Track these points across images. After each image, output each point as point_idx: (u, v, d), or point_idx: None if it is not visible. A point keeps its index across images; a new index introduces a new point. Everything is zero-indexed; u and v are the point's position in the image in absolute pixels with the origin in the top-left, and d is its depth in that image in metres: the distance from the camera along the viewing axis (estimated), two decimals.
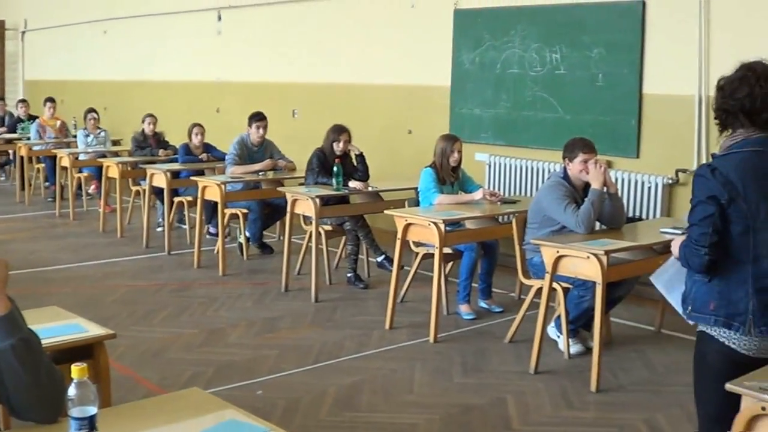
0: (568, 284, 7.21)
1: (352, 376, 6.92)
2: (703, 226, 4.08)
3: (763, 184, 4.07)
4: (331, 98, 13.09)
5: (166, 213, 11.52)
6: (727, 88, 4.20)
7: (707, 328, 4.21)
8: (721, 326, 4.11)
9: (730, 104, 4.17)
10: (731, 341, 4.12)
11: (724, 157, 4.15)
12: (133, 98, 17.03)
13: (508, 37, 10.60)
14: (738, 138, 4.17)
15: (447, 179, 8.73)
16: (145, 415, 3.35)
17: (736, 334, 4.09)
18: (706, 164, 4.19)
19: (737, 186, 4.02)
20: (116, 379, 6.54)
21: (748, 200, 4.03)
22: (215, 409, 3.37)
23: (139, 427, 3.19)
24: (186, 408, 3.41)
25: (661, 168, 9.26)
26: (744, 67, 4.22)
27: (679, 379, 6.92)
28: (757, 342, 4.08)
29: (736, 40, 8.68)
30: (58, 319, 4.68)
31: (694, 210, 4.14)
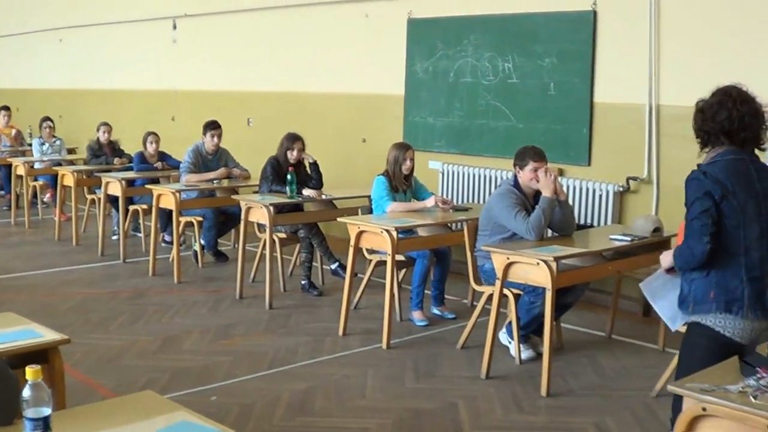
0: (519, 290, 7.30)
1: (306, 382, 6.97)
2: (702, 218, 4.45)
3: (747, 185, 4.50)
4: (286, 107, 13.15)
5: (121, 221, 11.53)
6: (708, 112, 4.62)
7: (704, 318, 4.55)
8: (723, 311, 4.48)
9: (711, 126, 4.60)
10: (726, 330, 4.48)
11: (710, 164, 4.56)
12: (89, 106, 17.03)
13: (461, 46, 10.69)
14: (720, 150, 4.58)
15: (400, 187, 8.80)
16: (98, 417, 3.42)
17: (734, 320, 4.46)
18: (696, 170, 4.57)
19: (727, 185, 4.43)
20: (72, 386, 6.58)
21: (738, 198, 4.44)
22: (167, 411, 3.44)
23: (92, 429, 3.26)
24: (139, 410, 3.48)
25: (612, 176, 9.38)
26: (720, 91, 4.66)
27: (629, 383, 7.06)
28: (750, 325, 4.46)
29: (687, 49, 8.83)
30: (14, 325, 4.73)
31: (692, 207, 4.56)
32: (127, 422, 3.32)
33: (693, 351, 4.64)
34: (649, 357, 7.75)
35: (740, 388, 3.60)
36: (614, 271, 7.57)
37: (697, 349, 4.59)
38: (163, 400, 3.64)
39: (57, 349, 4.51)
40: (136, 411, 3.46)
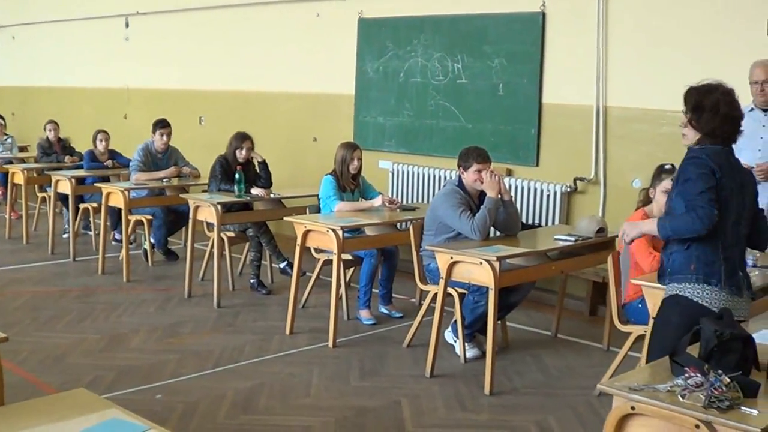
0: (464, 290, 7.35)
1: (251, 380, 6.99)
2: (710, 193, 4.62)
3: (732, 174, 4.73)
4: (237, 106, 13.17)
5: (71, 219, 11.48)
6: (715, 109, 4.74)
7: (682, 289, 4.75)
8: (701, 282, 4.70)
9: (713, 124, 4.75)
10: (704, 300, 4.69)
11: (702, 149, 4.75)
12: (42, 104, 16.96)
13: (411, 47, 10.74)
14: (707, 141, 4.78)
15: (347, 186, 8.84)
16: (29, 415, 3.44)
17: (711, 290, 4.68)
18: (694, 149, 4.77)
19: (716, 172, 4.64)
20: (17, 384, 6.65)
21: (724, 185, 4.66)
22: (99, 409, 3.46)
23: (24, 426, 3.28)
24: (71, 408, 3.50)
25: (559, 176, 9.45)
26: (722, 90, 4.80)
27: (572, 382, 7.13)
28: (725, 297, 4.68)
29: (634, 51, 8.93)
30: None
31: (696, 181, 4.71)
32: (59, 420, 3.35)
33: (668, 323, 4.79)
34: (594, 356, 7.83)
35: (669, 387, 3.65)
36: (558, 270, 7.62)
37: (673, 319, 4.74)
38: (96, 398, 3.66)
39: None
40: (69, 409, 3.48)
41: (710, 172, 4.61)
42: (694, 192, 4.62)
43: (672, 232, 4.75)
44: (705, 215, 4.55)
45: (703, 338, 3.87)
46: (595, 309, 9.03)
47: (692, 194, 4.62)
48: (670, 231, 4.75)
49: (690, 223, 4.62)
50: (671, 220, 4.76)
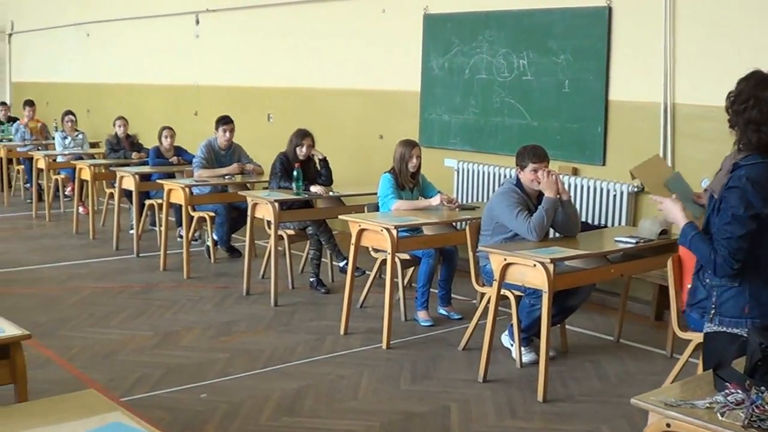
0: (521, 292, 7.16)
1: (299, 381, 6.87)
2: (741, 241, 4.21)
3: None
4: (304, 103, 13.08)
5: (135, 215, 11.49)
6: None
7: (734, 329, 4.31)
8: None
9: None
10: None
11: (754, 166, 4.27)
12: (115, 101, 16.99)
13: (477, 42, 10.56)
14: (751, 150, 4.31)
15: (406, 185, 8.68)
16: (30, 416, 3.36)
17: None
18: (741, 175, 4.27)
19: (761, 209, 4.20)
20: (64, 381, 6.65)
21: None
22: (103, 412, 3.35)
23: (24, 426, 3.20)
24: (75, 410, 3.41)
25: (626, 176, 9.11)
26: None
27: (631, 390, 6.79)
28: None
29: (703, 46, 8.65)
30: None
31: (733, 223, 4.22)
32: (58, 422, 3.26)
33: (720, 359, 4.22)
34: (656, 363, 7.57)
35: (708, 404, 3.42)
36: (617, 274, 7.37)
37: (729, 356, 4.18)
38: (102, 400, 3.54)
39: (19, 345, 4.41)
40: (72, 411, 3.39)
41: (751, 218, 4.21)
42: (725, 231, 4.26)
43: (691, 250, 4.43)
44: (723, 265, 4.20)
45: (748, 351, 3.62)
46: (661, 313, 8.76)
47: (722, 233, 4.27)
48: (688, 247, 4.44)
49: (707, 261, 4.29)
50: (695, 240, 4.42)
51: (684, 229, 4.45)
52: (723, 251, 4.21)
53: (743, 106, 4.25)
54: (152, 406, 6.28)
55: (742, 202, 4.20)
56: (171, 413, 6.16)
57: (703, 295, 4.46)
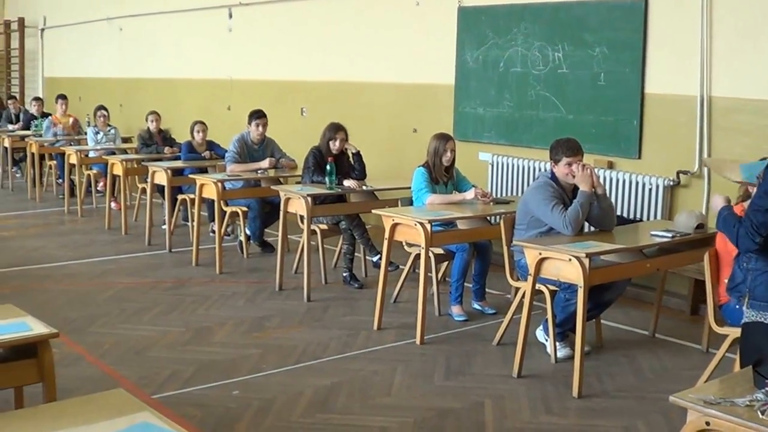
0: (555, 287, 7.07)
1: (332, 378, 6.80)
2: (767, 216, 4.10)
3: None
4: (338, 97, 13.03)
5: (167, 210, 11.49)
6: None
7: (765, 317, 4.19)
8: None
9: None
10: None
11: None
12: (148, 95, 17.01)
13: (511, 35, 10.46)
14: None
15: (440, 179, 8.60)
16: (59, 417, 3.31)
17: None
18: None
19: None
20: (95, 378, 6.62)
21: None
22: (131, 412, 3.30)
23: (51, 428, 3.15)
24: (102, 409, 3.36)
25: (662, 169, 9.11)
26: None
27: (666, 385, 6.76)
28: None
29: (739, 39, 8.53)
30: (8, 317, 4.57)
31: (764, 197, 4.15)
32: (86, 422, 3.21)
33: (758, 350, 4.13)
34: (692, 358, 7.47)
35: (747, 402, 3.34)
36: (653, 268, 7.28)
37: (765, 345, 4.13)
38: (131, 400, 3.48)
39: (47, 343, 4.38)
40: (100, 411, 3.33)
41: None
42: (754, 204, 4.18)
43: (721, 230, 4.35)
44: (745, 237, 4.12)
45: None
46: (697, 308, 8.65)
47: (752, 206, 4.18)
48: (721, 227, 4.36)
49: (731, 234, 4.22)
50: (725, 219, 4.34)
51: (720, 212, 4.39)
52: (747, 222, 4.17)
53: None
54: (184, 404, 6.23)
55: None
56: (202, 410, 6.11)
57: (740, 279, 4.43)
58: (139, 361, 7.16)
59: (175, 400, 6.29)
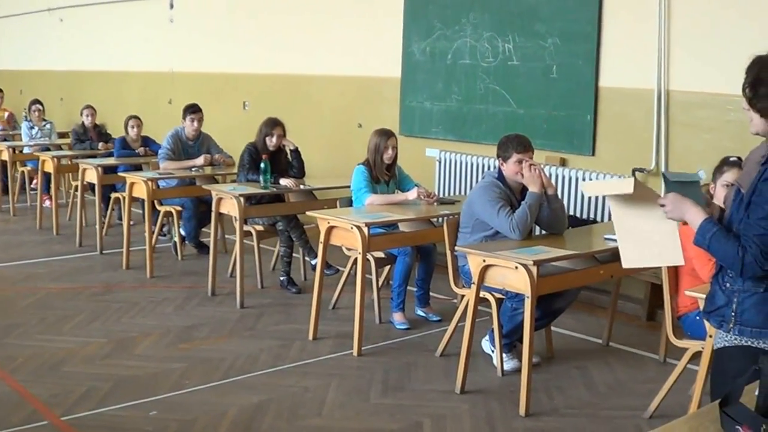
0: (502, 295, 6.58)
1: (260, 395, 6.28)
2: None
3: None
4: (281, 90, 12.55)
5: (99, 210, 10.91)
6: None
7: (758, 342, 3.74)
8: None
9: None
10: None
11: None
12: (89, 88, 16.44)
13: (460, 26, 9.98)
14: None
15: (381, 178, 8.13)
16: None
17: None
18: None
19: None
20: (3, 396, 6.01)
21: None
22: None
23: None
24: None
25: (617, 167, 8.69)
26: None
27: (621, 401, 6.35)
28: None
29: (700, 30, 8.12)
30: None
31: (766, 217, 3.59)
32: None
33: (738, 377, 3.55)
34: (648, 369, 7.03)
35: None
36: (607, 275, 6.80)
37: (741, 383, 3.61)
38: None
39: None
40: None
41: None
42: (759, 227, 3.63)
43: (710, 251, 3.79)
44: (752, 264, 3.58)
45: (762, 386, 2.98)
46: (654, 313, 8.23)
47: (755, 228, 3.65)
48: (707, 247, 3.79)
49: (733, 259, 3.66)
50: (716, 237, 3.76)
51: (702, 226, 3.78)
52: (754, 249, 3.60)
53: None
54: (95, 426, 5.72)
55: None
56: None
57: (723, 302, 3.83)
58: (53, 377, 6.59)
59: (85, 423, 5.77)
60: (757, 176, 3.70)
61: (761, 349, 3.71)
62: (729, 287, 3.83)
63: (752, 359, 3.40)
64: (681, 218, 3.89)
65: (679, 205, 3.88)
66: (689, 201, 3.90)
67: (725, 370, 3.87)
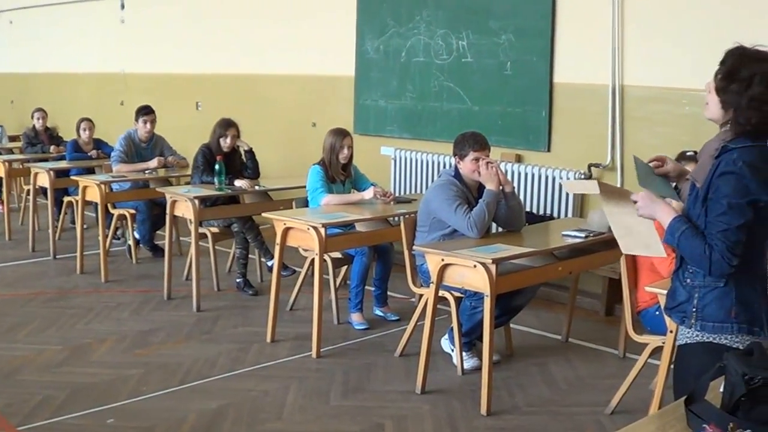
0: (461, 293, 6.54)
1: (218, 400, 6.20)
2: (740, 232, 3.61)
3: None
4: (235, 90, 12.46)
5: (51, 214, 10.77)
6: None
7: (719, 338, 3.72)
8: (745, 333, 3.71)
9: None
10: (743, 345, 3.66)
11: (746, 150, 3.66)
12: (40, 91, 16.26)
13: (414, 23, 9.94)
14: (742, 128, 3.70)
15: (337, 177, 8.08)
16: None
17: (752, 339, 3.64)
18: (734, 159, 3.64)
19: (762, 196, 3.62)
20: None
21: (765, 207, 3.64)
22: None
23: None
24: None
25: (573, 162, 8.67)
26: None
27: (582, 397, 6.34)
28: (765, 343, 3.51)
29: (654, 24, 8.13)
30: None
31: (729, 212, 3.57)
32: None
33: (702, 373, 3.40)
34: (608, 364, 7.03)
35: None
36: (566, 272, 6.78)
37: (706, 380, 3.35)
38: None
39: None
40: None
41: (748, 204, 3.57)
42: (720, 223, 3.61)
43: (679, 249, 3.77)
44: (720, 261, 3.55)
45: (727, 383, 2.94)
46: (612, 308, 8.23)
47: (717, 225, 3.62)
48: (677, 245, 3.77)
49: (700, 258, 3.64)
50: (684, 235, 3.74)
51: (671, 225, 3.75)
52: (720, 245, 3.57)
53: (746, 83, 3.60)
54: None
55: (739, 188, 3.56)
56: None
57: (684, 298, 3.80)
58: (8, 386, 6.46)
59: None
60: (711, 170, 3.68)
61: (724, 345, 3.69)
62: (690, 283, 3.81)
63: (715, 355, 3.38)
64: (652, 216, 3.87)
65: (650, 204, 3.86)
66: (661, 201, 3.89)
67: (688, 367, 3.85)
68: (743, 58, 3.65)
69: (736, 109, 3.64)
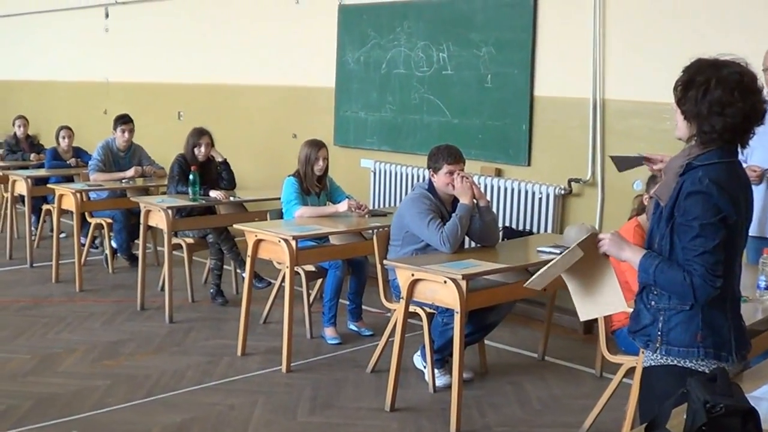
0: (433, 309, 6.44)
1: (183, 414, 6.10)
2: (717, 253, 3.51)
3: (748, 199, 3.71)
4: (216, 100, 12.38)
5: (29, 222, 10.68)
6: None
7: (684, 362, 3.60)
8: (711, 357, 3.59)
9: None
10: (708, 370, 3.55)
11: (711, 167, 3.57)
12: (22, 99, 16.20)
13: (394, 35, 9.86)
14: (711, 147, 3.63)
15: (312, 189, 7.98)
16: None
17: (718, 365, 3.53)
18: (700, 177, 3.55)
19: (740, 203, 3.56)
20: None
21: (736, 226, 3.57)
22: None
23: None
24: None
25: (553, 177, 8.59)
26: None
27: (555, 417, 6.25)
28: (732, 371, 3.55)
29: (635, 39, 8.05)
30: None
31: (703, 234, 3.47)
32: None
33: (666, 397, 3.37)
34: (584, 384, 6.93)
35: None
36: None
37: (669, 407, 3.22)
38: None
39: None
40: None
41: (719, 222, 3.48)
42: (696, 247, 3.51)
43: (657, 285, 3.66)
44: (703, 286, 3.45)
45: (689, 410, 2.84)
46: (591, 326, 8.09)
47: (693, 250, 3.52)
48: (653, 282, 3.66)
49: (682, 287, 3.52)
50: (660, 268, 3.62)
51: (643, 262, 3.64)
52: (699, 269, 3.46)
53: (703, 88, 3.51)
54: None
55: (708, 207, 3.45)
56: None
57: (648, 321, 3.69)
58: None
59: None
60: (676, 189, 3.59)
61: (688, 369, 3.59)
62: (654, 305, 3.71)
63: (680, 380, 3.30)
64: (618, 255, 3.78)
65: (617, 242, 3.78)
66: (627, 242, 3.80)
67: (653, 391, 3.75)
68: (699, 67, 3.57)
69: (699, 117, 3.54)
